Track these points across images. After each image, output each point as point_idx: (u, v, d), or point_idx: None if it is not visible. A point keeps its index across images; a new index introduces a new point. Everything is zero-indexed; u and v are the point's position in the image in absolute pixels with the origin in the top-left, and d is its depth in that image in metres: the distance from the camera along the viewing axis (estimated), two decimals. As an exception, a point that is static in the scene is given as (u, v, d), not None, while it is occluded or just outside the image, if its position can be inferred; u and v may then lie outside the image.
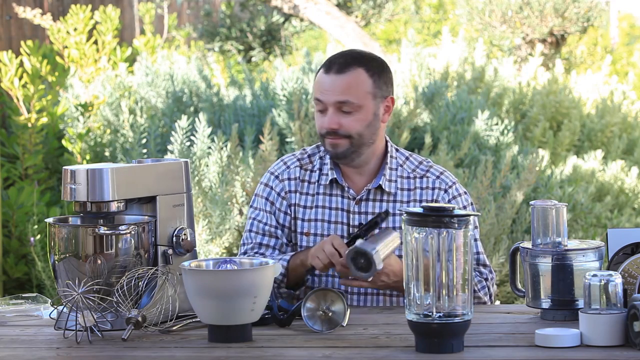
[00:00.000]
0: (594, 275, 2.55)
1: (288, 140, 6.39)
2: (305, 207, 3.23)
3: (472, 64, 8.08)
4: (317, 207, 3.21)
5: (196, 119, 6.22)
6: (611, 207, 6.88)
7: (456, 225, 2.45)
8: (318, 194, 3.22)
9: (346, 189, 3.20)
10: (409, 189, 3.21)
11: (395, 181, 3.21)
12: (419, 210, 2.49)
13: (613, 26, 15.13)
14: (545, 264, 2.79)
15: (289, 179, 3.26)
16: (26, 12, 8.88)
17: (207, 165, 5.93)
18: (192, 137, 6.19)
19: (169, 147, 6.16)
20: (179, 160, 2.99)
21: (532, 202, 2.87)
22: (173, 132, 6.17)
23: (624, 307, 2.53)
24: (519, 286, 2.96)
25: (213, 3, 12.90)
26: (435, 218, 2.45)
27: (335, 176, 3.20)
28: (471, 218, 2.48)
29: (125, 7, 10.93)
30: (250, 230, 3.26)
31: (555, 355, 2.45)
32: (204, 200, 5.70)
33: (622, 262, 2.79)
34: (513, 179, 6.15)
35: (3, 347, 2.68)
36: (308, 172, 3.26)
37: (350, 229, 3.18)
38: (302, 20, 12.18)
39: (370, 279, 2.97)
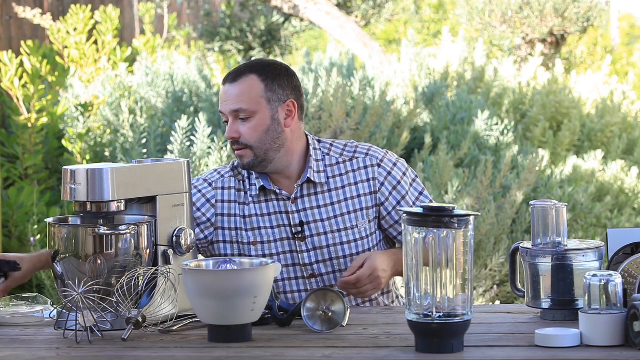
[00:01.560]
0: (594, 275, 2.55)
1: (288, 140, 6.37)
2: (244, 216, 3.22)
3: (472, 64, 8.08)
4: (256, 215, 3.21)
5: (196, 119, 6.23)
6: (611, 207, 6.88)
7: (456, 225, 2.45)
8: (254, 202, 3.21)
9: (278, 192, 3.20)
10: (340, 174, 3.22)
11: (325, 171, 3.21)
12: (419, 210, 2.49)
13: (613, 26, 15.13)
14: (545, 264, 2.79)
15: (222, 188, 3.24)
16: (26, 12, 8.88)
17: (207, 165, 5.93)
18: (192, 137, 6.19)
19: (169, 147, 6.16)
20: (179, 160, 2.98)
21: (532, 202, 2.87)
22: (173, 132, 6.17)
23: (624, 307, 2.53)
24: (519, 286, 2.96)
25: (213, 3, 12.90)
26: (435, 218, 2.45)
27: (262, 183, 3.20)
28: (471, 218, 2.48)
29: (125, 7, 10.93)
30: None
31: (555, 355, 2.45)
32: (204, 200, 5.69)
33: (622, 262, 2.78)
34: (513, 179, 6.15)
35: (3, 347, 2.68)
36: (240, 181, 3.25)
37: (293, 228, 3.19)
38: (302, 20, 12.18)
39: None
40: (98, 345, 2.66)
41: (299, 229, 3.18)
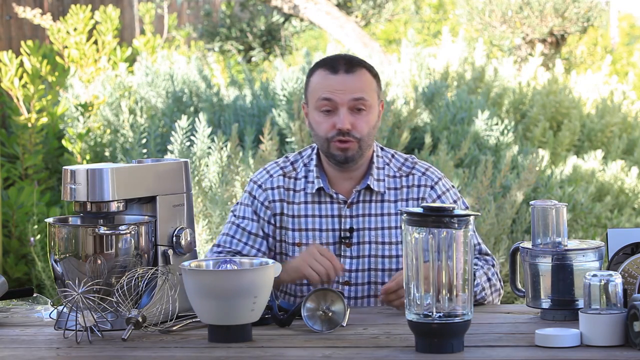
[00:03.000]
0: (594, 275, 2.55)
1: (288, 140, 6.39)
2: (293, 216, 3.18)
3: (472, 64, 8.08)
4: (306, 216, 3.17)
5: (196, 119, 6.23)
6: (611, 207, 6.88)
7: (456, 225, 2.44)
8: (306, 202, 3.18)
9: (334, 195, 3.17)
10: (395, 188, 3.18)
11: (383, 180, 3.18)
12: (419, 210, 2.49)
13: (613, 26, 15.13)
14: (545, 264, 2.79)
15: (272, 188, 3.20)
16: (26, 12, 8.89)
17: (207, 165, 5.93)
18: (192, 137, 6.19)
19: (169, 147, 6.16)
20: (179, 160, 2.98)
21: (532, 202, 2.87)
22: (173, 132, 6.18)
23: (624, 307, 2.53)
24: (519, 286, 2.95)
25: (213, 3, 12.91)
26: (435, 218, 2.45)
27: (321, 185, 3.16)
28: (471, 218, 2.48)
29: (125, 7, 10.93)
30: (230, 235, 3.21)
31: (555, 355, 2.45)
32: (204, 200, 5.70)
33: (622, 262, 2.78)
34: (513, 179, 6.15)
35: (3, 347, 2.68)
36: (292, 180, 3.21)
37: (342, 233, 3.15)
38: (302, 20, 12.18)
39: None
40: (98, 345, 2.66)
41: (348, 234, 3.14)
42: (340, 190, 3.18)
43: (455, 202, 3.19)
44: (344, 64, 3.11)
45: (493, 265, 3.16)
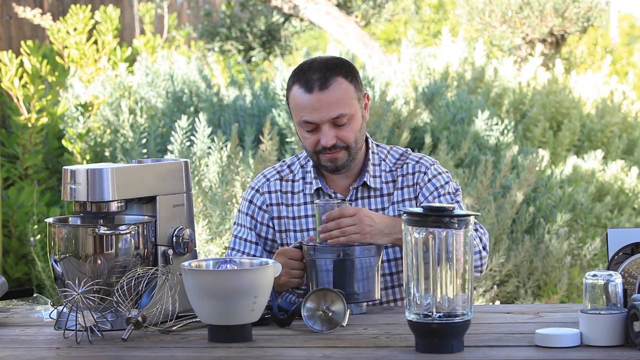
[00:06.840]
0: (594, 275, 2.55)
1: (288, 140, 6.39)
2: (294, 218, 3.20)
3: (472, 64, 8.08)
4: (306, 216, 3.19)
5: (196, 119, 6.23)
6: (611, 207, 6.88)
7: (456, 225, 2.45)
8: (306, 203, 3.20)
9: (333, 195, 3.19)
10: (393, 181, 3.20)
11: (380, 176, 3.20)
12: (419, 210, 2.49)
13: (613, 26, 15.13)
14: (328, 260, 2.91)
15: (269, 192, 3.22)
16: (26, 12, 8.89)
17: (207, 165, 5.93)
18: (192, 137, 6.19)
19: (169, 147, 6.16)
20: (179, 160, 2.98)
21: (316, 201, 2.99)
22: (173, 132, 6.18)
23: (624, 307, 2.53)
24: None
25: (213, 3, 12.91)
26: (435, 218, 2.45)
27: (320, 185, 3.18)
28: (471, 218, 2.48)
29: (125, 7, 10.93)
30: (232, 248, 3.25)
31: (555, 355, 2.45)
32: (204, 200, 5.70)
33: (622, 262, 2.78)
34: (513, 179, 6.15)
35: (3, 347, 2.68)
36: (290, 182, 3.23)
37: None
38: (302, 20, 12.18)
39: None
40: (98, 345, 2.66)
41: None
42: (338, 188, 3.20)
43: (447, 183, 3.21)
44: (317, 79, 3.09)
45: (476, 230, 3.13)
